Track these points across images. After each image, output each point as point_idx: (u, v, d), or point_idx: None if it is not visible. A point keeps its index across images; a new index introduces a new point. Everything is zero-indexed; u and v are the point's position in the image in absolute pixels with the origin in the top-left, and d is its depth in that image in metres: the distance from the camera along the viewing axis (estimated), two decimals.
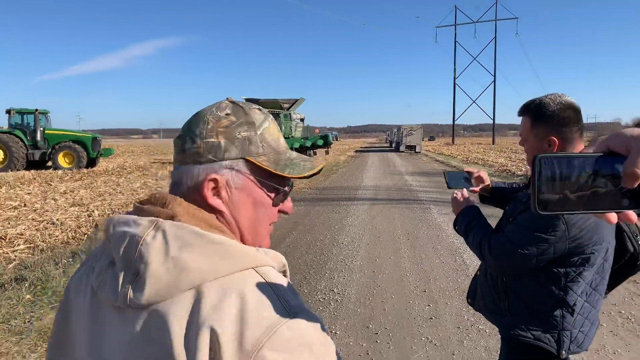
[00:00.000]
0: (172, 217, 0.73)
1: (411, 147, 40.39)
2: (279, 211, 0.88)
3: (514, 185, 2.24)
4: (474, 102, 73.76)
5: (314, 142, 27.09)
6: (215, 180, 0.78)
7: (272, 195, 0.84)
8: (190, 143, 0.79)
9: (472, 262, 6.03)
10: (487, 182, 2.18)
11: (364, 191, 13.62)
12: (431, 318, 4.27)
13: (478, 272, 2.01)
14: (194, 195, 0.79)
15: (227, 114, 0.80)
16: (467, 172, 2.16)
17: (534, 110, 1.69)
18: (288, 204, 0.90)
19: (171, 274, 0.66)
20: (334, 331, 4.00)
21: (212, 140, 0.78)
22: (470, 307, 2.04)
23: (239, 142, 0.80)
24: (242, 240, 0.82)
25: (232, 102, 0.83)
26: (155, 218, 0.72)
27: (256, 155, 0.81)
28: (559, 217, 1.55)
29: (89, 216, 9.04)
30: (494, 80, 70.45)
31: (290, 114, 28.06)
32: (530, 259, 1.63)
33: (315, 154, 27.58)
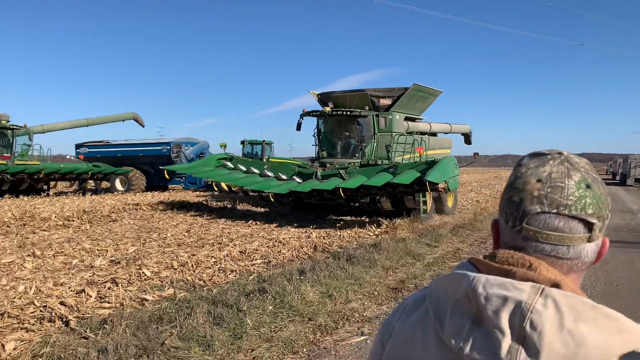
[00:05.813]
0: (555, 285, 0.71)
1: None
2: None
3: None
4: None
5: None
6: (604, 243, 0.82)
7: None
8: (601, 225, 0.80)
9: None
10: None
11: None
12: None
13: None
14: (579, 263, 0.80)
15: (603, 181, 0.82)
16: None
17: None
18: None
19: (568, 347, 0.63)
20: None
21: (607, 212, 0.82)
22: None
23: None
24: None
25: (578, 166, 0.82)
26: (538, 284, 0.70)
27: None
28: None
29: (308, 237, 9.94)
30: None
31: (379, 116, 13.09)
32: None
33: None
